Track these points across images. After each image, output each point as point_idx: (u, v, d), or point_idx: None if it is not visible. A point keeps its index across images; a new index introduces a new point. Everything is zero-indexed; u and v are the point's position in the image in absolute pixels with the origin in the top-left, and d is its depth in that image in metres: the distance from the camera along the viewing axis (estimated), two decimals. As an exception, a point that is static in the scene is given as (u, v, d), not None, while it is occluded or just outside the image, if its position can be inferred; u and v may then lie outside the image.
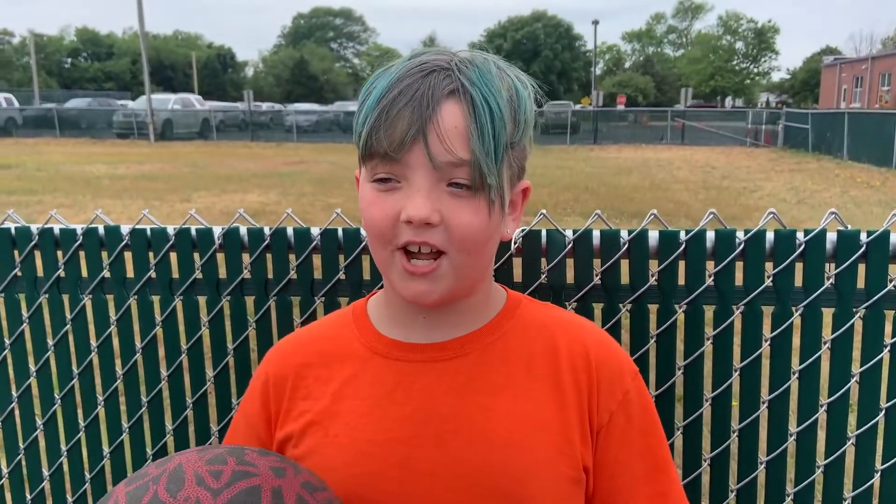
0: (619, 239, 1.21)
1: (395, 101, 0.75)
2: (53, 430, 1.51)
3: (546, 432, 0.83)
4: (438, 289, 0.79)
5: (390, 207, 0.77)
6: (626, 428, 0.87)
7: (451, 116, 0.75)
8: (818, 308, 1.18)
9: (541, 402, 0.84)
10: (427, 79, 0.75)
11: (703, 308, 1.21)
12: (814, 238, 1.16)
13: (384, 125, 0.75)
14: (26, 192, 11.73)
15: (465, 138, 0.74)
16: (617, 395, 0.87)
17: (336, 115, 30.50)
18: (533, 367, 0.86)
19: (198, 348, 1.41)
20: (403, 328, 0.88)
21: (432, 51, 0.81)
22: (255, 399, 0.94)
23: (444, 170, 0.75)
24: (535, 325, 0.89)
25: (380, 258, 0.82)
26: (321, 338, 0.94)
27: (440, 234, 0.77)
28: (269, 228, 1.33)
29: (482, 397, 0.84)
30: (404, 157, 0.75)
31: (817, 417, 1.22)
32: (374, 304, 0.93)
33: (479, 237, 0.78)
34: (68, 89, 53.84)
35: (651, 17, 77.12)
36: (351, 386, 0.88)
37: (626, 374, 0.89)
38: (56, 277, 1.43)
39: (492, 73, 0.77)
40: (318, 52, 71.01)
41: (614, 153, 21.80)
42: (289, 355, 0.94)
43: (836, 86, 43.59)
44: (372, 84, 0.79)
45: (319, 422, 0.87)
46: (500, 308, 0.90)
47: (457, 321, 0.87)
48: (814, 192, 12.34)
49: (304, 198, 11.45)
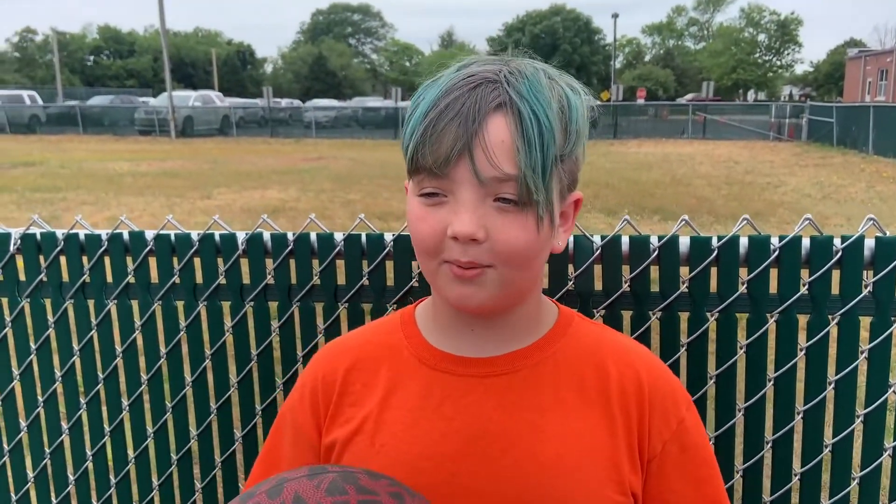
0: (649, 245, 1.18)
1: (441, 116, 0.73)
2: (79, 434, 1.52)
3: (595, 456, 0.81)
4: (483, 293, 0.77)
5: (437, 222, 0.76)
6: (680, 458, 0.84)
7: (497, 131, 0.72)
8: (855, 316, 1.15)
9: (591, 424, 0.82)
10: (474, 92, 0.73)
11: (735, 316, 1.18)
12: (851, 245, 1.13)
13: (430, 140, 0.73)
14: (50, 189, 11.88)
15: (512, 153, 0.72)
16: (671, 424, 0.84)
17: (354, 111, 30.49)
18: (583, 388, 0.84)
19: (221, 353, 1.41)
20: (453, 340, 0.86)
21: (482, 59, 0.79)
22: (304, 405, 0.92)
23: (491, 185, 0.73)
24: (587, 345, 0.87)
25: (427, 268, 0.81)
26: (369, 343, 0.92)
27: (486, 250, 0.75)
28: (292, 234, 1.32)
29: (532, 416, 0.82)
30: (450, 173, 0.74)
31: (853, 429, 1.19)
32: (423, 313, 0.92)
33: (526, 253, 0.77)
34: (91, 87, 54.53)
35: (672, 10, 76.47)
36: (397, 395, 0.86)
37: (680, 404, 0.86)
38: (81, 283, 1.43)
39: (542, 84, 0.75)
40: (337, 48, 71.11)
41: (634, 148, 21.62)
42: (337, 359, 0.92)
43: (860, 78, 42.86)
44: (420, 96, 0.77)
45: (364, 430, 0.86)
46: (551, 324, 0.88)
47: (507, 336, 0.85)
48: (839, 188, 12.15)
49: (323, 194, 11.49)
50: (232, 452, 1.44)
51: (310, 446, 0.91)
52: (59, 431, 1.52)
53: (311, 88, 61.68)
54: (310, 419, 0.91)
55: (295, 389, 0.95)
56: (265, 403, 1.39)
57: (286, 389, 1.37)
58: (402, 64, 79.11)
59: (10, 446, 1.55)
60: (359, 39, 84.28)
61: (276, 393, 1.39)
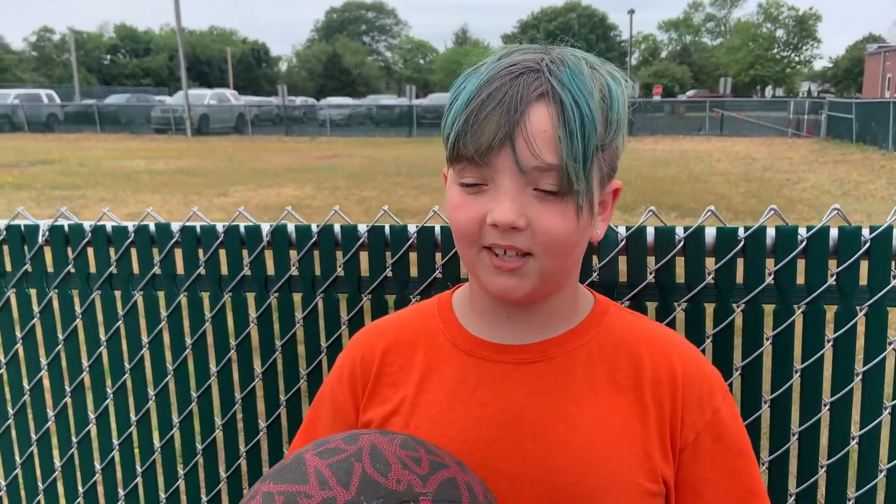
0: (675, 236, 1.18)
1: (483, 105, 0.74)
2: (105, 425, 1.53)
3: (626, 444, 0.81)
4: (525, 285, 0.79)
5: (476, 211, 0.77)
6: (713, 448, 0.84)
7: (539, 120, 0.73)
8: (884, 307, 1.14)
9: (623, 413, 0.83)
10: (516, 81, 0.74)
11: (762, 307, 1.18)
12: (879, 235, 1.12)
13: (472, 129, 0.74)
14: (69, 186, 12.01)
15: (554, 143, 0.73)
16: (706, 413, 0.84)
17: (369, 109, 30.52)
18: (616, 378, 0.84)
19: (246, 344, 1.42)
20: (488, 326, 0.87)
21: (523, 48, 0.79)
22: (343, 385, 0.93)
23: (532, 174, 0.74)
24: (622, 335, 0.87)
25: (466, 257, 0.81)
26: (406, 327, 0.94)
27: (526, 237, 0.76)
28: (316, 226, 1.32)
29: (564, 404, 0.83)
30: (492, 161, 0.74)
31: (880, 421, 1.18)
32: (459, 299, 0.93)
33: (566, 241, 0.77)
34: (108, 85, 55.01)
35: (689, 6, 75.75)
36: (433, 379, 0.87)
37: (716, 393, 0.86)
38: (108, 274, 1.45)
39: (584, 74, 0.75)
40: (351, 45, 71.25)
41: (651, 145, 21.49)
42: (376, 340, 0.94)
43: (880, 74, 42.33)
44: (461, 85, 0.78)
45: (400, 412, 0.87)
46: (587, 313, 0.89)
47: (543, 323, 0.86)
48: (858, 184, 12.01)
49: (338, 191, 11.52)
50: (256, 443, 1.45)
51: (347, 424, 0.92)
52: (87, 421, 1.54)
53: (325, 86, 61.84)
54: (349, 398, 0.93)
55: (334, 369, 0.97)
56: (289, 394, 1.40)
57: (310, 380, 1.38)
58: (416, 61, 79.17)
59: (37, 436, 1.58)
60: (373, 37, 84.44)
61: (300, 384, 1.39)
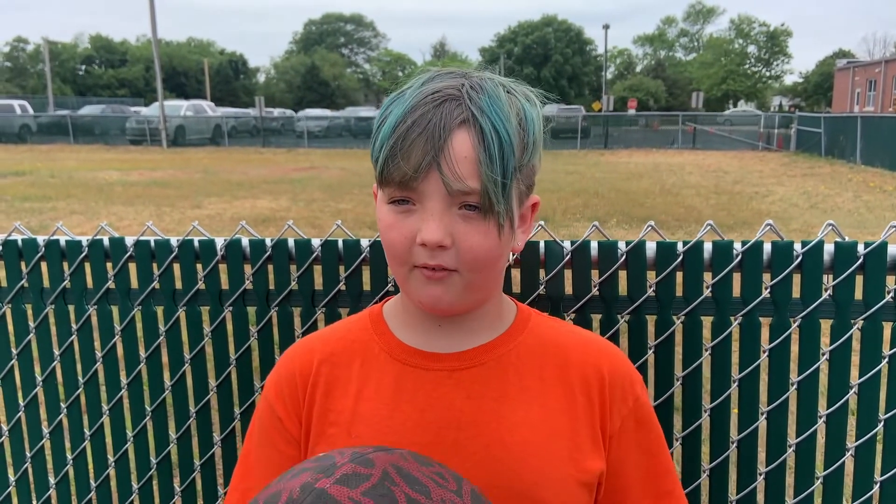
0: (617, 250, 1.21)
1: (409, 132, 0.79)
2: (59, 439, 1.53)
3: (558, 438, 0.88)
4: (451, 295, 0.84)
5: (407, 230, 0.82)
6: (635, 431, 0.93)
7: (461, 146, 0.78)
8: (816, 319, 1.18)
9: (552, 409, 0.89)
10: (439, 108, 0.79)
11: (701, 319, 1.22)
12: (811, 249, 1.16)
13: (399, 154, 0.79)
14: (40, 198, 11.86)
15: (476, 167, 0.78)
16: (629, 402, 0.93)
17: (347, 121, 30.56)
18: (545, 377, 0.91)
19: (201, 358, 1.43)
20: (422, 336, 0.92)
21: (444, 73, 0.84)
22: (283, 398, 0.94)
23: (456, 196, 0.79)
24: (547, 338, 0.94)
25: (399, 274, 0.86)
26: (342, 339, 0.97)
27: (451, 255, 0.81)
28: (270, 240, 1.34)
29: (498, 405, 0.89)
30: (419, 186, 0.79)
31: (816, 429, 1.22)
32: (391, 312, 0.97)
33: (488, 257, 0.83)
34: (82, 96, 54.43)
35: (662, 21, 76.88)
36: (371, 389, 0.91)
37: (636, 383, 0.95)
38: (62, 288, 1.45)
39: (501, 100, 0.80)
40: (329, 57, 71.29)
41: (625, 157, 21.75)
42: (311, 353, 0.96)
43: (849, 89, 43.27)
44: (387, 109, 0.83)
45: (340, 422, 0.90)
46: (511, 320, 0.95)
47: (472, 331, 0.91)
48: (826, 197, 12.26)
49: (314, 203, 11.50)
50: (211, 455, 1.45)
51: (289, 440, 0.94)
52: (41, 436, 1.54)
53: (303, 98, 61.78)
54: (290, 411, 0.94)
55: (268, 387, 0.98)
56: (244, 407, 1.41)
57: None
58: (394, 74, 79.32)
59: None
60: (351, 49, 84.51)
61: (254, 396, 1.41)
